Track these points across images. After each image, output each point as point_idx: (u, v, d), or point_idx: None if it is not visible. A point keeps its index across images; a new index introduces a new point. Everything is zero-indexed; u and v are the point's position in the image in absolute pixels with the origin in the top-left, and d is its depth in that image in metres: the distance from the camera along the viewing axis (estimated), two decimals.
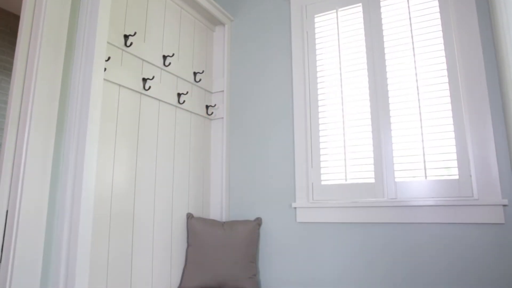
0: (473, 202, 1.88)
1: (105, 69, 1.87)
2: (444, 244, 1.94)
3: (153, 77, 2.14)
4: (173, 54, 2.32)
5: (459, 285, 1.89)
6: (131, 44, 2.01)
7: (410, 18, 2.20)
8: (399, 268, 2.03)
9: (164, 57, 2.30)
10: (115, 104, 1.95)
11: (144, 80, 2.12)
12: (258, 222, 2.39)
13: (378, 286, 2.06)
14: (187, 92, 2.43)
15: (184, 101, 2.42)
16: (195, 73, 2.57)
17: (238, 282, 2.22)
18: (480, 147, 1.92)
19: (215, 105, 2.72)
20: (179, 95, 2.39)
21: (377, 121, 2.20)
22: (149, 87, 2.13)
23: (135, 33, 2.00)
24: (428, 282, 1.95)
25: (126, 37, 2.01)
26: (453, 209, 1.93)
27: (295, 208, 2.36)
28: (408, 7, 2.22)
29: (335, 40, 2.42)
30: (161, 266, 2.14)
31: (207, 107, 2.67)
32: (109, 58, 1.87)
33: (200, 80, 2.60)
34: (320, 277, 2.22)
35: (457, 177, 1.96)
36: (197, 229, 2.28)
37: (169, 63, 2.32)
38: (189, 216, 2.35)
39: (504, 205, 1.84)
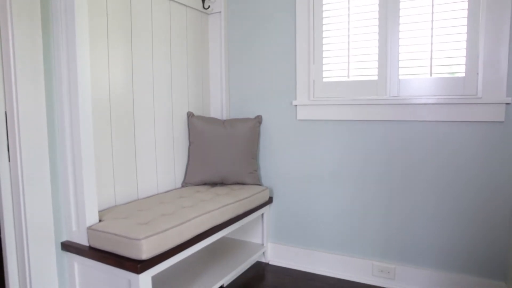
0: (476, 101, 1.85)
1: None
2: (443, 141, 1.98)
3: None
4: None
5: (457, 180, 1.97)
6: None
7: None
8: (397, 164, 2.10)
9: None
10: None
11: None
12: (258, 120, 2.41)
13: (376, 181, 2.16)
14: None
15: None
16: None
17: (239, 177, 2.33)
18: (493, 43, 1.82)
19: None
20: None
21: (385, 13, 2.05)
22: None
23: None
24: (425, 177, 2.04)
25: None
26: (455, 107, 1.92)
27: (296, 105, 2.35)
28: None
29: None
30: (165, 164, 2.23)
31: (203, 0, 2.48)
32: None
33: None
34: (318, 172, 2.32)
35: (463, 74, 1.90)
36: (198, 127, 2.31)
37: None
38: (190, 115, 2.36)
39: (507, 103, 1.82)
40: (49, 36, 1.57)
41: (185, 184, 2.34)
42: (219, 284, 1.96)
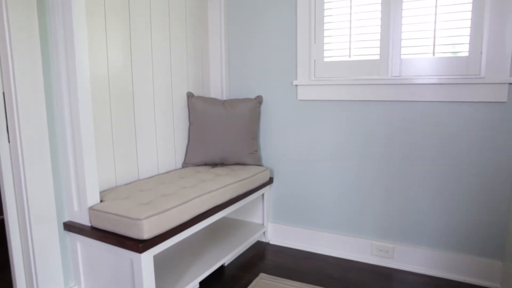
0: (479, 81, 1.83)
1: None
2: (445, 122, 1.97)
3: None
4: None
5: (457, 161, 1.97)
6: None
7: None
8: (398, 144, 2.09)
9: None
10: None
11: None
12: (258, 100, 2.39)
13: (376, 161, 2.16)
14: None
15: None
16: None
17: (240, 158, 2.33)
18: (499, 21, 1.78)
19: None
20: None
21: None
22: None
23: None
24: (426, 158, 2.03)
25: None
26: (457, 87, 1.90)
27: (296, 85, 2.33)
28: None
29: None
30: (165, 144, 2.22)
31: None
32: None
33: None
34: (319, 152, 2.32)
35: (466, 54, 1.88)
36: (198, 108, 2.30)
37: None
38: (190, 95, 2.35)
39: (510, 83, 1.80)
40: (45, 14, 1.54)
41: (185, 164, 2.34)
42: (220, 263, 1.99)
